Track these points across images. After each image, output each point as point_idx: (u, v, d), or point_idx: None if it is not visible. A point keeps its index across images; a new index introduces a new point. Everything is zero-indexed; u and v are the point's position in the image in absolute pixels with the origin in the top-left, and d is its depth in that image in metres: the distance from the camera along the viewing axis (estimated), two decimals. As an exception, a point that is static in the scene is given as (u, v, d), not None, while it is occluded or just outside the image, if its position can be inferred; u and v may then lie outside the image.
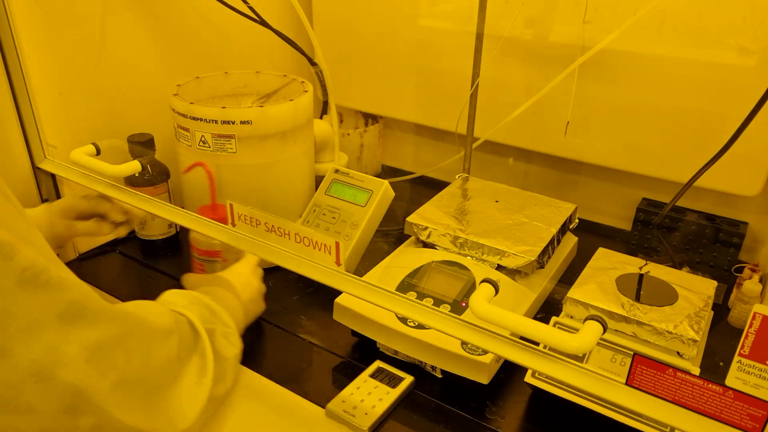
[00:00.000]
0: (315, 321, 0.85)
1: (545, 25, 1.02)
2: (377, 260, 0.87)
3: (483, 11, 0.95)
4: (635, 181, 1.07)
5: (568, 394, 0.65)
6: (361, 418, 0.67)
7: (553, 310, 0.83)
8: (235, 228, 0.71)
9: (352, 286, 0.63)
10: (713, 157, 0.80)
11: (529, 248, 0.82)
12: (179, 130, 0.89)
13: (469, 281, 0.79)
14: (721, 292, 0.91)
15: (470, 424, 0.70)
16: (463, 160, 1.08)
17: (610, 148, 1.04)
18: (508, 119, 0.99)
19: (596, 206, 1.13)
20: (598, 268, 0.77)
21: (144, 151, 0.94)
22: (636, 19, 0.84)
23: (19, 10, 0.83)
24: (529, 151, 1.15)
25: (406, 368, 0.75)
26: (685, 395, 0.48)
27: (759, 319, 0.49)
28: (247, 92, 1.00)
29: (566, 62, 0.92)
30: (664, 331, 0.66)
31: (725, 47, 0.89)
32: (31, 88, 0.87)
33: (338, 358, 0.79)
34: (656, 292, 0.72)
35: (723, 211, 1.00)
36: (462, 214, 0.91)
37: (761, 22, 0.85)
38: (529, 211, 0.92)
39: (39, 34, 0.86)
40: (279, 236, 0.67)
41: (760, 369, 0.50)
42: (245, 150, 0.87)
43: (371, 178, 0.91)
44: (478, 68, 0.99)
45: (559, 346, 0.52)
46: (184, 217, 0.76)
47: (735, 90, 0.89)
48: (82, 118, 0.95)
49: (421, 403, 0.72)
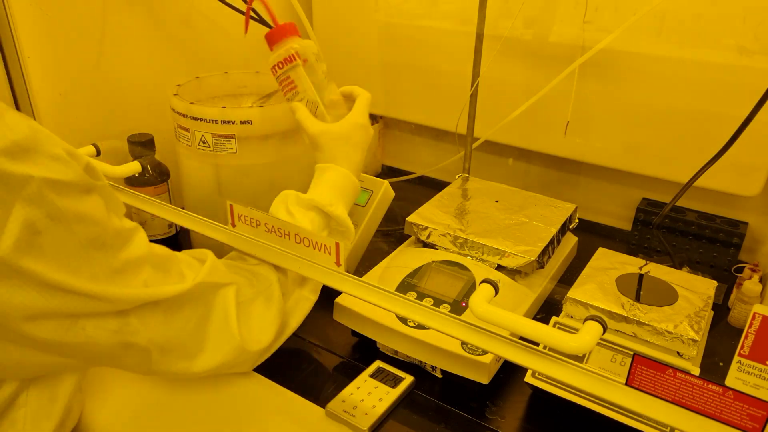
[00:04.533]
0: (315, 321, 0.85)
1: (545, 25, 1.02)
2: (377, 260, 0.87)
3: (483, 11, 0.95)
4: (635, 181, 1.07)
5: (568, 394, 0.65)
6: (361, 418, 0.67)
7: (553, 310, 0.83)
8: (235, 228, 0.71)
9: (352, 286, 0.63)
10: (713, 157, 0.80)
11: (529, 248, 0.82)
12: (179, 130, 0.89)
13: (469, 281, 0.79)
14: (721, 292, 0.91)
15: (470, 424, 0.70)
16: (463, 160, 1.08)
17: (610, 148, 1.04)
18: (508, 119, 0.99)
19: (596, 206, 1.13)
20: (598, 268, 0.77)
21: (144, 151, 0.94)
22: (636, 19, 0.84)
23: (19, 10, 0.83)
24: (529, 151, 1.15)
25: (406, 368, 0.75)
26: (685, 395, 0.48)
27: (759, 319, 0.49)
28: (247, 92, 1.00)
29: (566, 62, 0.92)
30: (664, 331, 0.66)
31: (725, 47, 0.89)
32: (31, 88, 0.87)
33: (338, 358, 0.79)
34: (656, 292, 0.72)
35: (723, 211, 1.00)
36: (462, 214, 0.91)
37: (761, 22, 0.85)
38: (529, 211, 0.92)
39: (39, 34, 0.86)
40: (279, 236, 0.67)
41: (760, 369, 0.50)
42: (245, 150, 0.87)
43: (371, 178, 0.91)
44: (478, 68, 0.99)
45: (558, 347, 0.52)
46: (184, 217, 0.76)
47: (735, 90, 0.89)
48: (82, 119, 0.95)
49: (421, 403, 0.72)
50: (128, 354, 0.56)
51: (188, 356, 0.61)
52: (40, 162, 0.46)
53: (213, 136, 0.86)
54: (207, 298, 0.62)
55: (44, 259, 0.47)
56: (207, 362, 0.62)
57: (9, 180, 0.44)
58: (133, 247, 0.54)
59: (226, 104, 0.87)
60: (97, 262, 0.50)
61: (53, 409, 0.58)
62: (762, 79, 0.75)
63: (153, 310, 0.56)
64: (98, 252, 0.50)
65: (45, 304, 0.48)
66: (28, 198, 0.45)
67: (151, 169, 0.95)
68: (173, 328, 0.58)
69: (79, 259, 0.49)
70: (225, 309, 0.63)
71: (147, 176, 0.94)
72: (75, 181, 0.48)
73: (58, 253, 0.48)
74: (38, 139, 0.47)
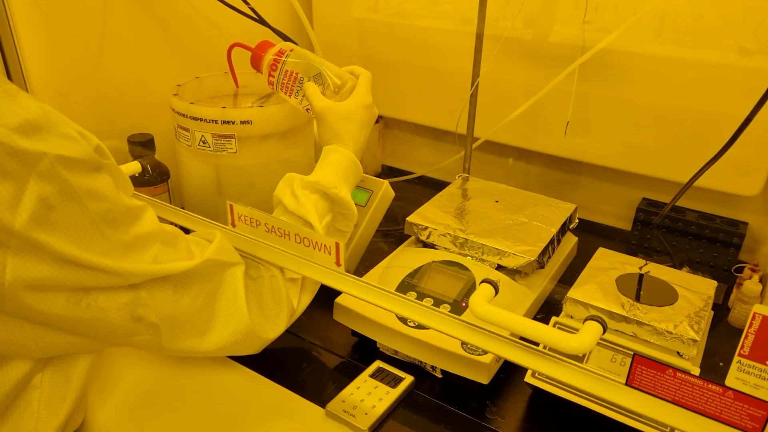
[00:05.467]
0: (315, 321, 0.85)
1: (545, 25, 1.02)
2: (377, 260, 0.87)
3: (483, 11, 0.95)
4: (635, 181, 1.07)
5: (568, 394, 0.65)
6: (361, 418, 0.67)
7: (553, 310, 0.83)
8: (235, 228, 0.71)
9: (352, 286, 0.63)
10: (713, 157, 0.80)
11: (529, 248, 0.82)
12: (179, 130, 0.89)
13: (469, 281, 0.79)
14: (721, 292, 0.91)
15: (470, 424, 0.70)
16: (463, 160, 1.08)
17: (610, 148, 1.04)
18: (508, 119, 0.99)
19: (596, 206, 1.13)
20: (598, 268, 0.77)
21: (144, 152, 0.94)
22: (636, 19, 0.84)
23: (19, 10, 0.83)
24: (529, 151, 1.15)
25: (406, 368, 0.75)
26: (685, 395, 0.48)
27: (759, 319, 0.49)
28: (247, 92, 1.00)
29: (566, 62, 0.92)
30: (664, 331, 0.66)
31: (725, 47, 0.89)
32: (31, 88, 0.87)
33: (338, 358, 0.79)
34: (656, 292, 0.72)
35: (723, 211, 1.00)
36: (462, 214, 0.91)
37: (761, 22, 0.85)
38: (529, 211, 0.92)
39: (39, 34, 0.86)
40: (279, 236, 0.67)
41: (760, 369, 0.50)
42: (245, 150, 0.87)
43: (371, 178, 0.91)
44: (478, 68, 0.99)
45: (558, 347, 0.52)
46: (184, 217, 0.76)
47: (735, 90, 0.89)
48: (82, 119, 0.95)
49: (421, 403, 0.72)
50: (139, 330, 0.57)
51: (198, 333, 0.62)
52: (52, 140, 0.48)
53: (213, 136, 0.86)
54: (216, 275, 0.63)
55: (58, 233, 0.48)
56: (216, 340, 0.63)
57: (24, 156, 0.46)
58: (143, 224, 0.56)
59: (226, 104, 0.87)
60: (108, 237, 0.52)
61: (68, 390, 0.59)
62: (762, 79, 0.75)
63: (163, 285, 0.57)
64: (109, 227, 0.52)
65: (58, 276, 0.49)
66: (42, 174, 0.47)
67: (151, 169, 0.95)
68: (182, 304, 0.59)
69: (91, 234, 0.51)
70: (234, 287, 0.64)
71: (147, 176, 0.94)
72: (85, 158, 0.50)
73: (71, 227, 0.49)
74: (50, 119, 0.48)
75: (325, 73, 0.81)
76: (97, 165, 0.52)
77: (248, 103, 0.94)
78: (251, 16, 1.01)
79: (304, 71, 0.81)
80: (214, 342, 0.63)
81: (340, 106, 0.78)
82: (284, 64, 0.81)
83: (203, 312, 0.62)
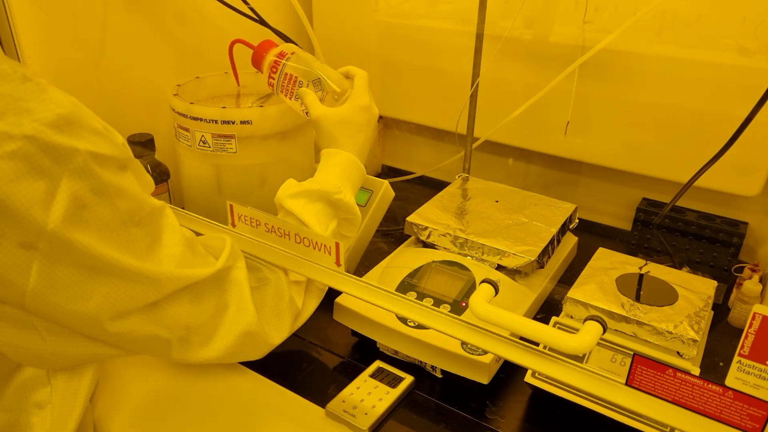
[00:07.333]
0: (315, 321, 0.85)
1: (545, 25, 1.02)
2: (377, 260, 0.87)
3: (483, 11, 0.95)
4: (635, 181, 1.07)
5: (568, 394, 0.65)
6: (361, 418, 0.67)
7: (553, 310, 0.83)
8: (235, 228, 0.71)
9: (352, 286, 0.63)
10: (713, 157, 0.80)
11: (529, 248, 0.82)
12: (179, 130, 0.89)
13: (469, 281, 0.79)
14: (721, 292, 0.91)
15: (470, 424, 0.70)
16: (463, 160, 1.08)
17: (610, 148, 1.04)
18: (508, 119, 0.99)
19: (596, 206, 1.13)
20: (598, 268, 0.77)
21: (144, 151, 0.94)
22: (636, 19, 0.84)
23: (19, 10, 0.83)
24: (529, 151, 1.15)
25: (406, 368, 0.75)
26: (685, 395, 0.48)
27: (759, 319, 0.49)
28: (247, 92, 1.00)
29: (566, 62, 0.92)
30: (664, 331, 0.66)
31: (725, 47, 0.89)
32: (31, 88, 0.87)
33: (338, 358, 0.79)
34: (656, 292, 0.72)
35: (723, 211, 1.00)
36: (462, 214, 0.91)
37: (761, 22, 0.85)
38: (529, 211, 0.92)
39: (39, 34, 0.86)
40: (279, 236, 0.67)
41: (759, 369, 0.50)
42: (245, 150, 0.87)
43: (371, 178, 0.91)
44: (478, 68, 0.99)
45: (558, 347, 0.52)
46: (184, 217, 0.76)
47: (735, 90, 0.89)
48: (82, 118, 0.95)
49: (421, 403, 0.72)
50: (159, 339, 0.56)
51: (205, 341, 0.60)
52: (84, 136, 0.46)
53: (213, 136, 0.86)
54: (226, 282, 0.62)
55: (90, 232, 0.47)
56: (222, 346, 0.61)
57: (58, 153, 0.45)
58: (165, 225, 0.55)
59: (226, 104, 0.87)
60: (134, 237, 0.51)
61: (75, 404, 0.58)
62: (762, 79, 0.75)
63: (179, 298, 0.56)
64: (136, 228, 0.51)
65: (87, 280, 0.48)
66: (75, 171, 0.46)
67: (151, 169, 0.95)
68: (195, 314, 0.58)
69: (122, 234, 0.49)
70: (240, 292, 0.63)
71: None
72: (115, 155, 0.49)
73: (102, 227, 0.48)
74: (80, 114, 0.47)
75: (324, 80, 0.80)
76: (124, 162, 0.50)
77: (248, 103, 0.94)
78: (251, 16, 1.01)
79: (304, 75, 0.81)
80: (219, 349, 0.61)
81: (335, 112, 0.76)
82: (285, 66, 0.81)
83: (212, 320, 0.60)
